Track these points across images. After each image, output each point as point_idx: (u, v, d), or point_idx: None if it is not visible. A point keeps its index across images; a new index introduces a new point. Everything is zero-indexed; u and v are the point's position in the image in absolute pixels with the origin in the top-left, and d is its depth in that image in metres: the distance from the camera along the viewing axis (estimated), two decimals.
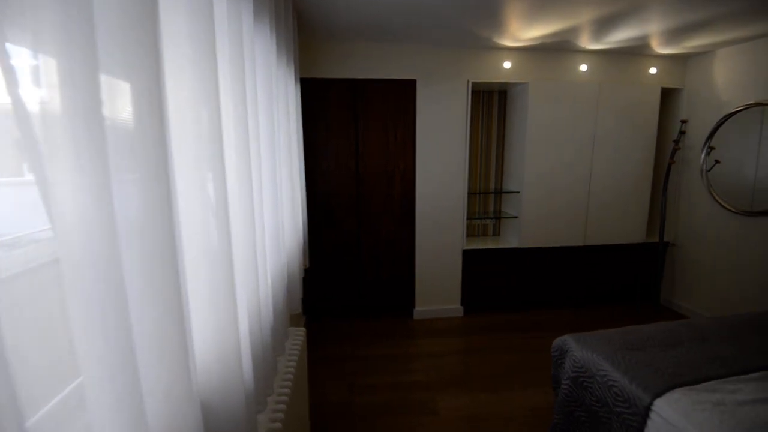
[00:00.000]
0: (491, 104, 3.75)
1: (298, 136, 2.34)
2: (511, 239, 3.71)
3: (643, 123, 3.55)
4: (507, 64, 3.32)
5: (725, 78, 3.26)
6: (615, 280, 3.81)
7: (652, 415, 1.37)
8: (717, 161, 3.32)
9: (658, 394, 1.38)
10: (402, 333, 3.28)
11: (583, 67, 3.43)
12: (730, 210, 3.21)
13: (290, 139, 1.94)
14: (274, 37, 1.57)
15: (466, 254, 3.55)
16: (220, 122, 0.78)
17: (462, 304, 3.63)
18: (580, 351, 1.75)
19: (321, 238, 3.38)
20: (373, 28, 2.82)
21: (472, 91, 3.61)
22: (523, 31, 2.87)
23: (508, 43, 3.16)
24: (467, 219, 3.64)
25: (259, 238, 1.18)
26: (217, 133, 0.77)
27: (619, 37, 3.00)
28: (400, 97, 3.26)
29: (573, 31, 2.86)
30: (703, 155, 3.41)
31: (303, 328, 1.84)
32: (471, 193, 3.77)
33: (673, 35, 2.94)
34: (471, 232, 3.92)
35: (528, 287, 3.69)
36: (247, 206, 1.03)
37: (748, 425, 1.24)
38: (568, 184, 3.52)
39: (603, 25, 2.74)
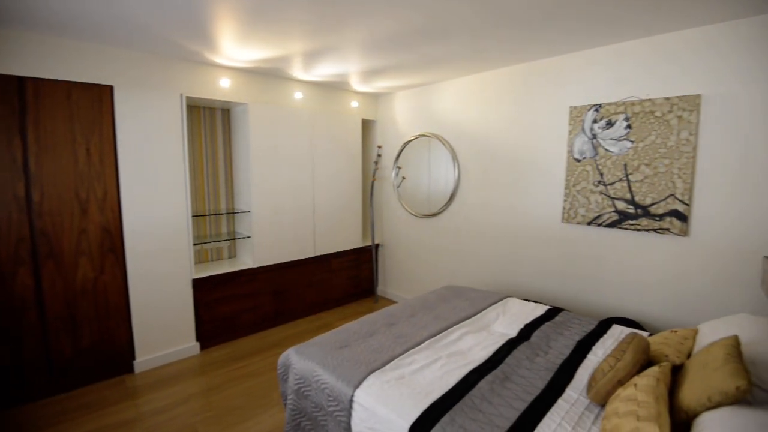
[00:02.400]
0: (214, 122, 3.57)
1: None
2: (246, 260, 3.63)
3: (351, 148, 4.19)
4: (225, 82, 3.23)
5: (403, 114, 4.24)
6: (345, 282, 4.32)
7: (354, 405, 1.56)
8: (404, 178, 4.27)
9: (357, 385, 1.59)
10: (117, 396, 2.64)
11: (298, 95, 3.74)
12: (414, 215, 4.19)
13: None
14: None
15: (197, 283, 3.22)
16: None
17: (198, 340, 3.27)
18: (299, 362, 1.83)
19: None
20: (51, 20, 2.17)
21: (191, 106, 3.35)
22: (236, 53, 2.86)
23: (223, 61, 3.07)
24: (196, 244, 3.32)
25: None
26: None
27: (325, 72, 3.42)
28: (92, 104, 2.64)
29: (285, 59, 3.05)
30: (393, 174, 4.33)
31: None
32: (198, 216, 3.47)
33: (365, 76, 3.59)
34: (203, 258, 3.61)
35: (268, 305, 3.70)
36: None
37: (418, 389, 1.57)
38: (294, 201, 3.74)
39: (311, 59, 3.05)
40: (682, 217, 2.44)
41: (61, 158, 2.56)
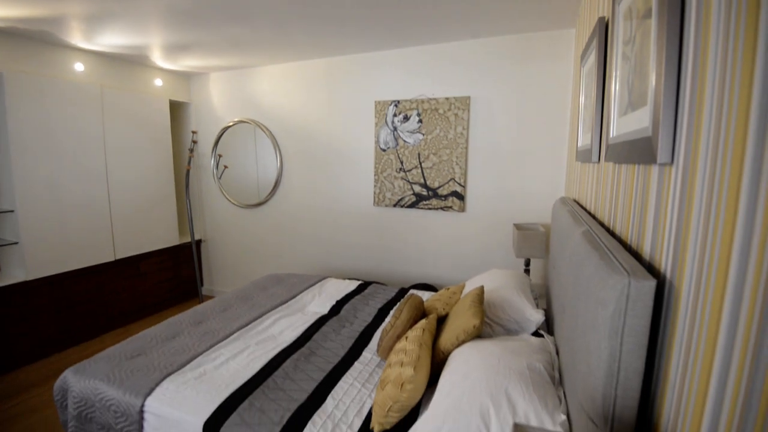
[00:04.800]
0: None
1: None
2: (15, 272, 2.88)
3: (158, 132, 3.71)
4: None
5: (219, 96, 3.95)
6: (162, 286, 3.86)
7: (146, 416, 1.44)
8: (226, 166, 4.01)
9: (149, 393, 1.47)
10: None
11: (79, 66, 3.10)
12: (238, 206, 4.00)
13: None
14: None
15: None
16: None
17: None
18: (78, 383, 1.58)
19: None
20: None
21: None
22: None
23: None
24: None
25: None
26: None
27: (114, 41, 2.91)
28: None
29: (54, 21, 2.47)
30: (212, 162, 4.03)
31: None
32: None
33: (168, 52, 3.18)
34: None
35: (53, 324, 3.03)
36: None
37: (219, 383, 1.54)
38: (82, 196, 3.12)
39: (91, 23, 2.54)
40: (460, 197, 2.99)
41: None
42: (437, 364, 1.53)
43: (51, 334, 3.02)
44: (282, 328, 2.03)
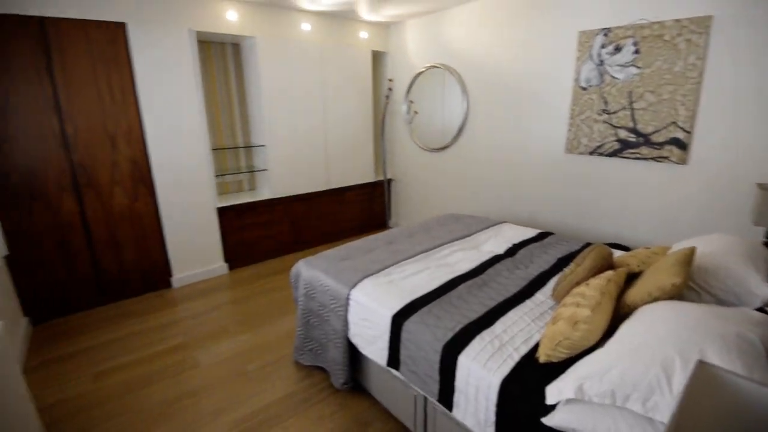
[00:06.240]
0: (225, 57, 3.66)
1: None
2: (264, 191, 3.90)
3: (361, 81, 4.21)
4: (232, 15, 3.27)
5: (414, 43, 4.17)
6: (359, 215, 4.59)
7: (350, 302, 1.84)
8: (416, 112, 4.31)
9: (354, 286, 1.86)
10: (158, 305, 3.08)
11: (306, 26, 3.73)
12: (424, 149, 4.28)
13: None
14: None
15: (222, 212, 3.53)
16: None
17: (226, 261, 3.66)
18: (307, 271, 2.11)
19: (32, 220, 2.69)
20: None
21: (202, 42, 3.44)
22: None
23: None
24: (218, 176, 3.59)
25: None
26: None
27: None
28: (108, 42, 2.78)
29: None
30: (404, 108, 4.36)
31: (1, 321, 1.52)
32: (217, 150, 3.70)
33: (373, 3, 3.52)
34: (226, 190, 3.90)
35: (286, 233, 4.02)
36: None
37: (403, 289, 1.83)
38: (307, 135, 3.90)
39: None
40: (682, 145, 2.47)
41: (87, 95, 2.77)
42: (620, 317, 1.42)
43: (284, 239, 4.02)
44: (458, 259, 2.20)
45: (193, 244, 3.42)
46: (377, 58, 4.50)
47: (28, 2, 2.49)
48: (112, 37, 2.80)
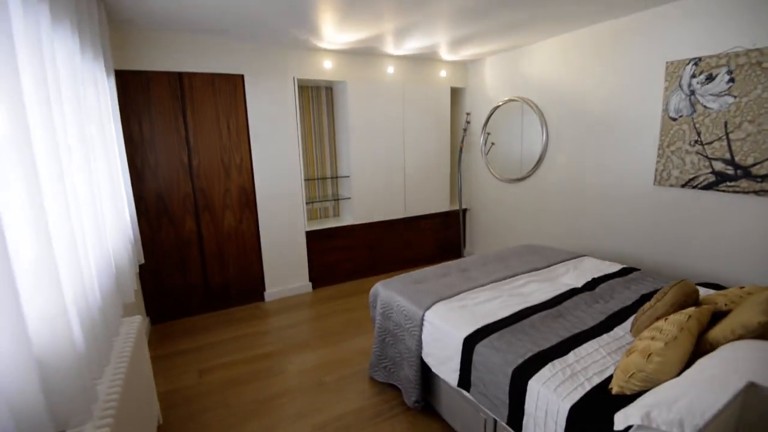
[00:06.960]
0: (320, 99, 4.15)
1: (116, 129, 2.31)
2: (347, 218, 4.23)
3: (439, 116, 4.45)
4: (328, 64, 3.74)
5: (492, 79, 4.32)
6: (433, 242, 4.72)
7: (424, 323, 1.97)
8: (493, 143, 4.40)
9: (428, 308, 1.99)
10: (253, 315, 3.48)
11: (390, 69, 4.10)
12: (500, 180, 4.33)
13: (104, 133, 1.95)
14: (77, 35, 1.60)
15: (309, 235, 3.92)
16: (26, 121, 0.92)
17: (310, 280, 4.01)
18: (384, 292, 2.29)
19: (160, 235, 3.29)
20: (194, 22, 2.87)
21: (301, 87, 3.96)
22: (336, 36, 3.31)
23: (326, 45, 3.57)
24: (308, 203, 4.01)
25: (77, 228, 1.28)
26: (23, 132, 0.91)
27: (415, 45, 3.71)
28: (229, 90, 3.38)
29: (378, 38, 3.42)
30: (481, 139, 4.48)
31: (139, 316, 1.93)
32: (309, 180, 4.14)
33: (453, 45, 3.77)
34: (314, 216, 4.31)
35: (365, 257, 4.28)
36: (61, 200, 1.14)
37: (476, 314, 1.91)
38: (387, 166, 4.20)
39: (401, 35, 3.36)
40: None
41: (210, 133, 3.36)
42: (701, 355, 1.36)
43: (363, 262, 4.28)
44: (532, 289, 2.22)
45: (284, 263, 3.83)
46: (456, 93, 4.72)
47: (170, 61, 3.14)
48: (232, 86, 3.38)
